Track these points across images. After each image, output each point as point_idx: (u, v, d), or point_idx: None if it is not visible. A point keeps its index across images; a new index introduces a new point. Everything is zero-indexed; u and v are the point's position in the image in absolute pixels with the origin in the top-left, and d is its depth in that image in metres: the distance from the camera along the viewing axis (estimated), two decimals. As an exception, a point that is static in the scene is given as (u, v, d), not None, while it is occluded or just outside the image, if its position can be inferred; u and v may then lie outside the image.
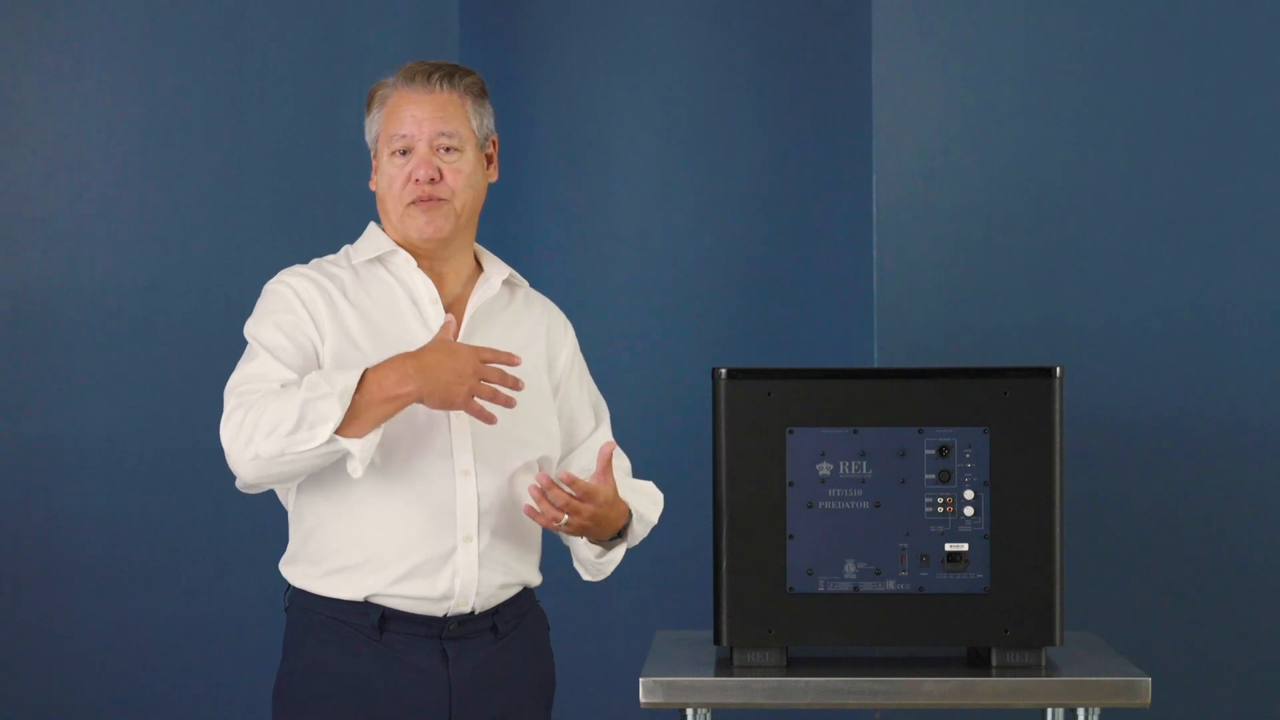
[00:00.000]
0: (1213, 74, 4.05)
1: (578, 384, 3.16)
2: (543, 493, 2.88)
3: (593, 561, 3.08)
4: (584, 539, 3.03)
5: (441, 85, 3.00)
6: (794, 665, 3.03)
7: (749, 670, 3.01)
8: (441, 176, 2.98)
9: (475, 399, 2.84)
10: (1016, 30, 4.07)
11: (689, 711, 2.99)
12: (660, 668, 3.01)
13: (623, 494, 3.02)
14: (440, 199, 2.98)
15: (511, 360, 2.86)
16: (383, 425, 2.83)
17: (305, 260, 3.08)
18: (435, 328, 2.99)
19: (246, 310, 3.01)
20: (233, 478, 2.91)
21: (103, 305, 4.15)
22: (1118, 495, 4.04)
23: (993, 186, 4.07)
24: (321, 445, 2.79)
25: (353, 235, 3.13)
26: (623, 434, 4.39)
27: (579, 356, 3.18)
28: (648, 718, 3.10)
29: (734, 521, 3.02)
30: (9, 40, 4.15)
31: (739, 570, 3.02)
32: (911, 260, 4.07)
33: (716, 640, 3.04)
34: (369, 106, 3.04)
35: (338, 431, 2.79)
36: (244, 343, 3.01)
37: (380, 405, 2.81)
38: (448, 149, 2.98)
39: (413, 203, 2.98)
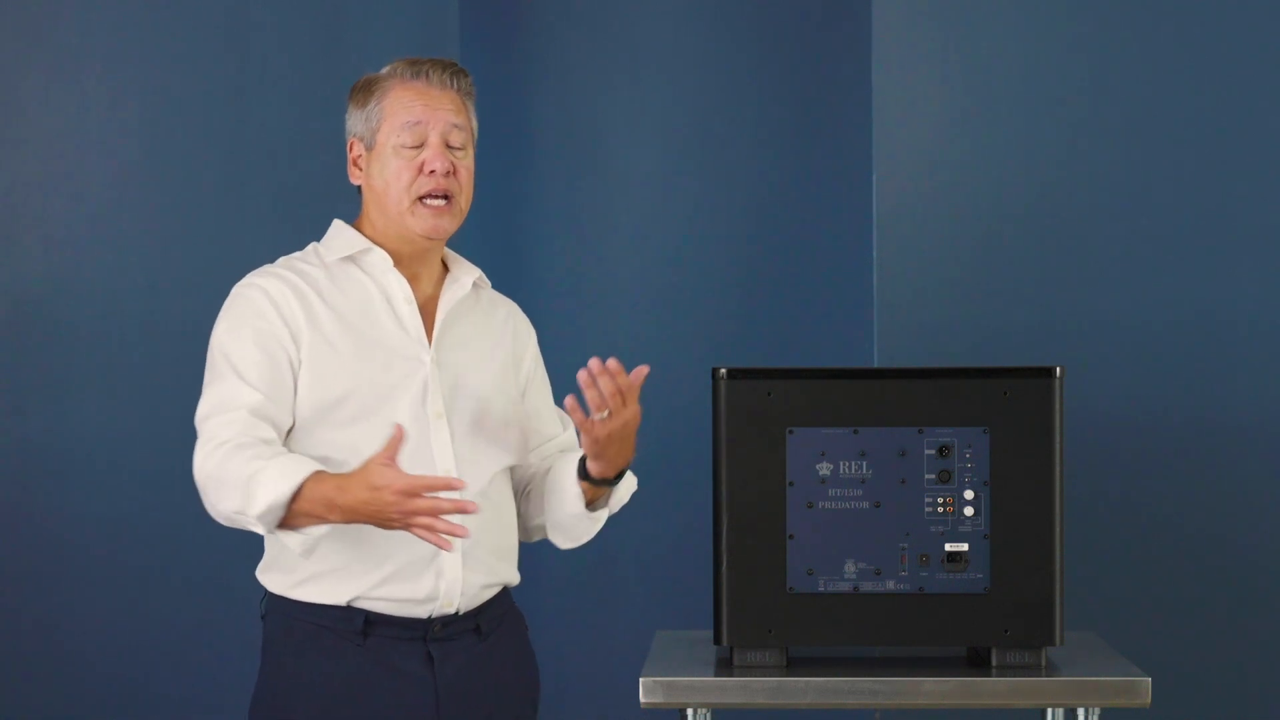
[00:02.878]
0: (1213, 74, 4.05)
1: (541, 384, 3.16)
2: (593, 380, 2.84)
3: (574, 519, 3.01)
4: (575, 492, 2.98)
5: (450, 83, 2.98)
6: (794, 665, 3.03)
7: (749, 670, 3.01)
8: (454, 171, 2.95)
9: (420, 526, 2.71)
10: (1016, 30, 4.07)
11: (689, 711, 2.99)
12: (660, 668, 3.01)
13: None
14: (451, 195, 2.95)
15: (451, 486, 2.71)
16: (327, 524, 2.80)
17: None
18: (410, 328, 2.96)
19: (246, 310, 2.99)
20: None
21: (103, 305, 4.15)
22: (1118, 495, 4.04)
23: (993, 187, 4.07)
24: (269, 534, 2.81)
25: (353, 235, 3.12)
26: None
27: (540, 359, 3.17)
28: (648, 718, 3.10)
29: (734, 521, 3.02)
30: (9, 40, 4.15)
31: (739, 570, 3.02)
32: (911, 260, 4.07)
33: (716, 640, 3.04)
34: (363, 99, 2.99)
35: (282, 525, 2.77)
36: None
37: (312, 519, 2.77)
38: (456, 146, 2.97)
39: (422, 200, 2.94)
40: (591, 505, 3.01)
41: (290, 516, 2.76)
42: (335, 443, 2.89)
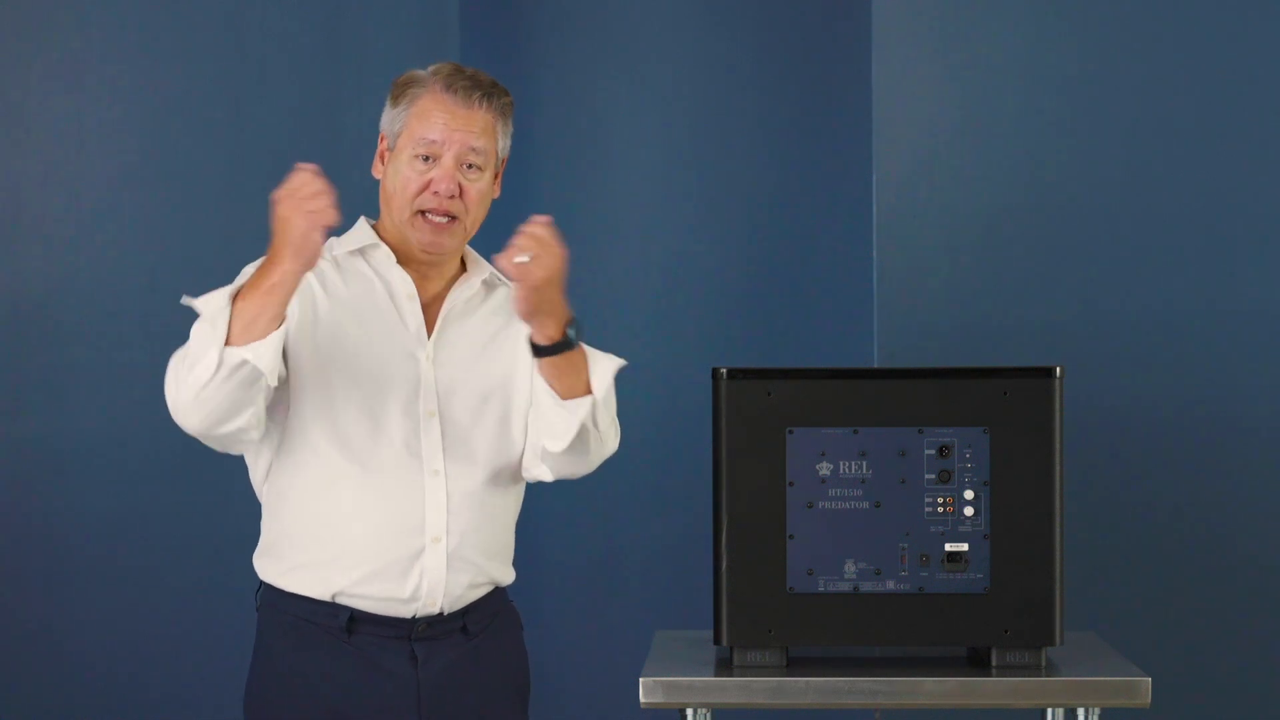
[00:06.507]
0: (1213, 74, 4.05)
1: None
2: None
3: (553, 412, 2.92)
4: (542, 385, 2.92)
5: (481, 104, 2.97)
6: (794, 665, 3.02)
7: (749, 670, 3.01)
8: (461, 193, 2.95)
9: (314, 210, 2.78)
10: (1016, 30, 4.07)
11: (689, 711, 2.99)
12: (660, 668, 3.01)
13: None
14: (454, 217, 2.95)
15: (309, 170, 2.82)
16: (281, 331, 2.77)
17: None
18: (410, 324, 2.97)
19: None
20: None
21: (103, 305, 4.15)
22: (1118, 495, 4.04)
23: (992, 186, 4.07)
24: (220, 369, 2.75)
25: (352, 235, 3.12)
26: (623, 433, 4.38)
27: None
28: (648, 718, 3.09)
29: (734, 521, 3.02)
30: (9, 40, 4.15)
31: (739, 570, 3.02)
32: (911, 260, 4.07)
33: (716, 640, 3.04)
34: (395, 97, 3.00)
35: (233, 344, 2.75)
36: None
37: (259, 300, 2.75)
38: (471, 165, 2.96)
39: (422, 214, 2.95)
40: (568, 397, 2.93)
41: (239, 329, 2.76)
42: (324, 433, 2.90)
